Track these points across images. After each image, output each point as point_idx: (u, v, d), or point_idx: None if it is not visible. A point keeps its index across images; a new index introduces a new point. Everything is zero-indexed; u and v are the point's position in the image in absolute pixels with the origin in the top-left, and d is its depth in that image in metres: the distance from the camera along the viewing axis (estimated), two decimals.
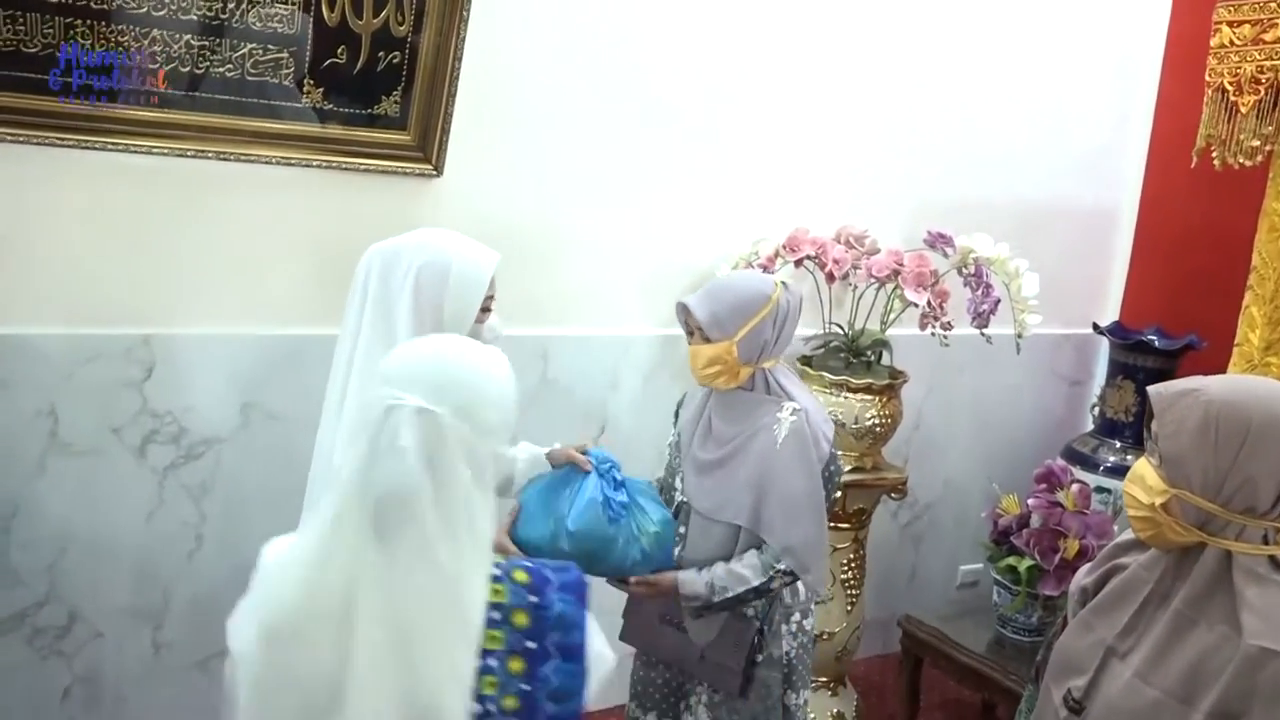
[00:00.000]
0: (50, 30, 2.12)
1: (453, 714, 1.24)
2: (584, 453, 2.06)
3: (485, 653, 1.28)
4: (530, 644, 1.31)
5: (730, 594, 2.01)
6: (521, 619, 1.31)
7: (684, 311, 2.08)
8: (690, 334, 2.10)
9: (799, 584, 2.11)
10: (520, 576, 1.34)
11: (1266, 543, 1.42)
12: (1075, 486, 2.92)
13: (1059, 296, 3.40)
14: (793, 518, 2.00)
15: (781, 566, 2.01)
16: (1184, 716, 1.39)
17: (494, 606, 1.30)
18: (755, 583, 2.01)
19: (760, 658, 2.11)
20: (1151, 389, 1.50)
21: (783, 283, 2.10)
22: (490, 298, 1.94)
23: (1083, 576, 1.62)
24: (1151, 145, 3.67)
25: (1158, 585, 1.49)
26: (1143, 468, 1.50)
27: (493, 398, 1.34)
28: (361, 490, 1.26)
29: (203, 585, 2.54)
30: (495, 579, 1.32)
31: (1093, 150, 3.64)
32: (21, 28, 2.10)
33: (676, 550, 2.10)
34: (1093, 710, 1.48)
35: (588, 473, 2.01)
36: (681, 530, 2.11)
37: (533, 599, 1.33)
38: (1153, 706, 1.42)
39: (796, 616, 2.18)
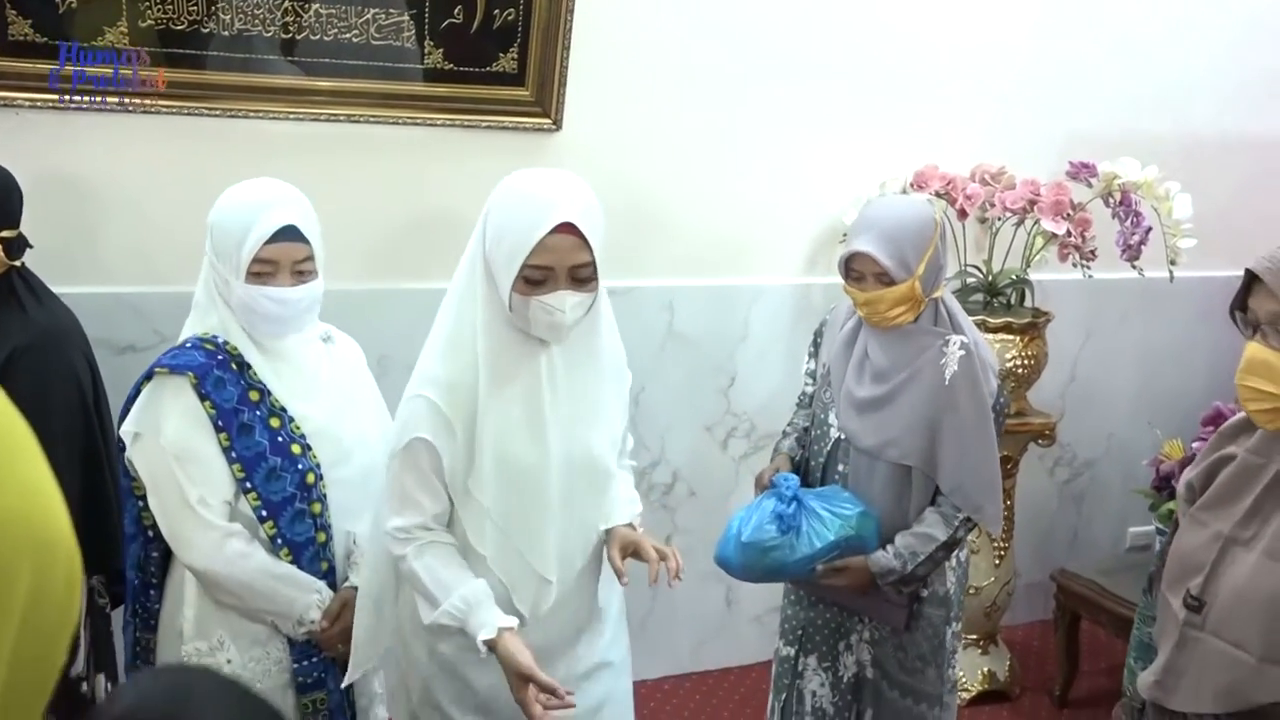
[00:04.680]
0: (194, 7, 2.31)
1: None
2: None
3: None
4: None
5: (922, 557, 1.97)
6: None
7: (861, 260, 1.94)
8: (858, 278, 1.97)
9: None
10: None
11: None
12: None
13: (1234, 235, 3.11)
14: (965, 456, 1.95)
15: (963, 515, 1.97)
16: None
17: None
18: (943, 538, 1.97)
19: (925, 593, 2.07)
20: (1253, 263, 1.37)
21: (929, 198, 2.01)
22: (547, 269, 1.52)
23: (1188, 474, 1.49)
24: None
25: None
26: (1262, 354, 1.37)
27: (216, 224, 1.76)
28: None
29: None
30: None
31: (1272, 70, 3.33)
32: (171, 7, 2.30)
33: (839, 486, 2.07)
34: (1216, 604, 1.36)
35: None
36: (841, 468, 2.06)
37: None
38: None
39: (956, 550, 2.11)
